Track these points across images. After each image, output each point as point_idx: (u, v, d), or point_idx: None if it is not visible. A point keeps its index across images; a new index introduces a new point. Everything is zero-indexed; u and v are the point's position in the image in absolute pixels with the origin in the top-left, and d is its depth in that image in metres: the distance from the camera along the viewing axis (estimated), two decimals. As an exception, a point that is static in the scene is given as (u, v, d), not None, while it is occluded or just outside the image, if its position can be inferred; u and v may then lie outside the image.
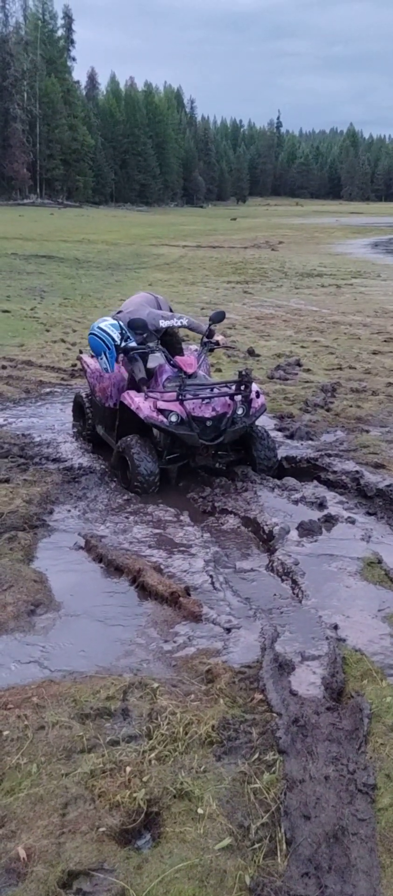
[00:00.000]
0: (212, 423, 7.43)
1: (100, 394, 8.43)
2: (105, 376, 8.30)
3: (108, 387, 8.31)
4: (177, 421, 7.22)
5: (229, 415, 7.49)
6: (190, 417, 7.28)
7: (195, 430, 7.29)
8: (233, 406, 7.54)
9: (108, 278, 26.05)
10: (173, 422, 7.20)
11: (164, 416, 7.20)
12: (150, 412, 7.21)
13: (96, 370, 8.53)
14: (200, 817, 3.10)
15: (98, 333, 7.72)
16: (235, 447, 7.89)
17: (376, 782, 3.29)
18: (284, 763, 3.43)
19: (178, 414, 7.23)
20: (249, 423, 7.61)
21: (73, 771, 3.39)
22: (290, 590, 5.30)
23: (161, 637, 4.67)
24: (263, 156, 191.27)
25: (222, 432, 7.45)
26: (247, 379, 7.58)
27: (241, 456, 7.93)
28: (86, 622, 4.91)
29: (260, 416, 7.82)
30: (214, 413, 7.46)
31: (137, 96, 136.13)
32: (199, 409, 7.41)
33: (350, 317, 17.96)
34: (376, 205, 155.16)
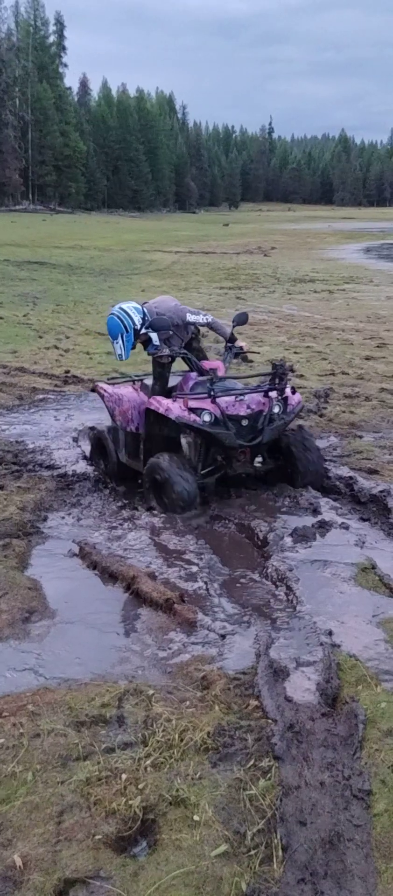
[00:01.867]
0: (248, 422, 6.94)
1: (120, 418, 7.76)
2: (124, 399, 7.75)
3: (128, 409, 7.68)
4: (210, 420, 6.74)
5: (266, 412, 7.00)
6: (224, 416, 6.79)
7: (231, 430, 6.80)
8: (269, 403, 7.05)
9: (101, 284, 26.07)
10: (207, 421, 6.72)
11: (197, 415, 6.73)
12: (182, 412, 6.74)
13: (114, 395, 7.91)
14: (195, 824, 3.11)
15: (117, 313, 7.27)
16: (274, 454, 7.32)
17: (372, 788, 3.30)
18: (280, 769, 3.43)
19: (211, 412, 6.74)
20: (288, 420, 7.12)
21: (69, 778, 3.39)
22: (284, 596, 5.31)
23: (156, 644, 4.67)
24: (255, 161, 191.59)
25: (260, 432, 6.94)
26: (282, 371, 7.12)
27: (280, 464, 7.33)
28: (80, 629, 4.91)
29: (298, 414, 7.44)
30: (249, 411, 6.97)
31: (129, 102, 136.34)
32: (232, 408, 6.91)
33: (343, 322, 18.00)
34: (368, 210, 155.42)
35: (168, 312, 7.27)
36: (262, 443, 6.94)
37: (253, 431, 6.94)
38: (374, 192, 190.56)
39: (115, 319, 7.22)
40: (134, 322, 7.17)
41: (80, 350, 14.85)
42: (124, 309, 7.25)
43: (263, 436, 6.91)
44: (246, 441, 6.90)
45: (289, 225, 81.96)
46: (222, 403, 6.82)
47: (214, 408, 6.75)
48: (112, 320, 7.25)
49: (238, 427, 6.85)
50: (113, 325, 7.24)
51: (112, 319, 7.26)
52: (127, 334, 7.18)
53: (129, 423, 7.63)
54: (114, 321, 7.23)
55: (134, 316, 7.18)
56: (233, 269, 31.99)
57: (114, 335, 7.25)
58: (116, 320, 7.21)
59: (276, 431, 7.02)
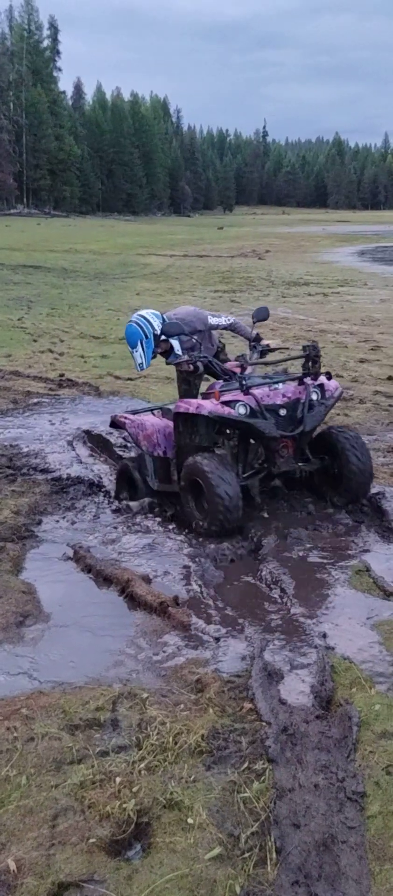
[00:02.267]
0: (286, 412, 6.47)
1: (145, 442, 7.28)
2: (147, 424, 7.33)
3: (152, 433, 7.27)
4: (246, 412, 6.28)
5: (304, 399, 6.52)
6: (261, 405, 6.33)
7: (270, 420, 6.33)
8: (305, 390, 6.58)
9: (96, 288, 26.09)
10: (243, 413, 6.26)
11: (231, 408, 6.28)
12: (214, 406, 6.29)
13: (136, 421, 7.42)
14: (189, 827, 3.10)
15: (136, 320, 6.91)
16: (318, 453, 6.81)
17: (365, 790, 3.30)
18: (274, 772, 3.43)
19: (246, 404, 6.30)
20: (328, 405, 6.69)
21: (63, 782, 3.38)
22: (278, 598, 5.31)
23: (150, 647, 4.67)
24: (249, 165, 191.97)
25: (300, 421, 6.44)
26: (314, 353, 6.68)
27: (326, 464, 6.79)
28: (75, 633, 4.91)
29: (337, 401, 7.06)
30: (285, 399, 6.53)
31: (124, 106, 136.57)
32: (267, 398, 6.46)
33: (337, 325, 18.03)
34: (363, 213, 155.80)
35: (188, 317, 6.96)
36: (304, 432, 6.44)
37: (293, 421, 6.48)
38: (368, 195, 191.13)
39: (133, 327, 6.90)
40: (154, 327, 6.84)
41: (75, 353, 14.86)
42: (143, 315, 6.95)
43: (304, 424, 6.42)
44: (287, 432, 6.41)
45: (283, 228, 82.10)
46: (257, 393, 6.41)
47: (248, 399, 6.34)
48: (131, 328, 6.93)
49: (276, 417, 6.39)
50: (132, 332, 6.91)
51: (131, 327, 6.93)
52: (147, 340, 6.85)
53: (155, 448, 7.25)
54: (133, 329, 6.90)
55: (154, 321, 6.86)
56: (227, 273, 32.01)
57: (133, 343, 6.91)
58: (135, 327, 6.89)
59: (317, 419, 6.54)
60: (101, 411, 10.74)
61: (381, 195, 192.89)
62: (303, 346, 6.78)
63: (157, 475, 7.23)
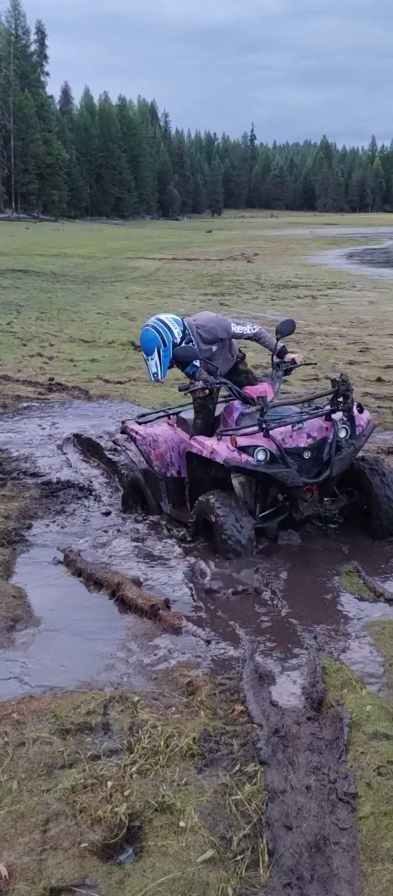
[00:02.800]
0: (311, 454, 5.92)
1: (157, 462, 6.77)
2: (160, 440, 6.81)
3: (165, 452, 6.75)
4: (266, 458, 5.74)
5: (331, 439, 5.96)
6: (282, 451, 5.78)
7: (292, 467, 5.79)
8: (333, 428, 6.02)
9: (85, 292, 26.06)
10: (261, 460, 5.72)
11: (249, 454, 5.74)
12: (230, 453, 5.75)
13: (148, 436, 6.89)
14: (181, 830, 3.10)
15: (154, 324, 6.29)
16: (346, 488, 6.31)
17: (357, 791, 3.30)
18: (266, 774, 3.43)
19: (265, 449, 5.75)
20: (358, 446, 6.10)
21: (55, 787, 3.37)
22: (269, 600, 5.31)
23: (141, 650, 4.66)
24: (237, 168, 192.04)
25: (327, 464, 5.92)
26: (345, 389, 6.03)
27: (354, 500, 6.30)
28: (66, 637, 4.89)
29: (369, 437, 6.41)
30: (310, 440, 5.94)
31: (112, 110, 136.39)
32: (290, 439, 5.89)
33: (326, 327, 18.07)
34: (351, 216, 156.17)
35: (210, 323, 6.33)
36: (331, 477, 5.93)
37: (318, 464, 5.95)
38: (356, 197, 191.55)
39: (151, 332, 6.26)
40: (174, 335, 6.20)
41: (65, 357, 14.83)
42: (162, 320, 6.31)
43: (331, 468, 5.90)
44: (311, 477, 5.90)
45: (271, 231, 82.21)
46: (278, 436, 5.84)
47: (268, 443, 5.78)
48: (148, 332, 6.29)
49: (300, 462, 5.86)
50: (149, 338, 6.26)
51: (148, 332, 6.29)
52: (165, 349, 6.18)
53: (169, 468, 6.75)
54: (150, 333, 6.26)
55: (174, 328, 6.23)
56: (216, 276, 32.02)
57: (149, 350, 6.25)
58: (153, 332, 6.24)
59: (346, 461, 6.01)
60: (90, 415, 10.73)
61: (368, 198, 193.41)
62: (332, 379, 6.19)
63: (171, 498, 6.76)
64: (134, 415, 9.19)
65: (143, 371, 13.11)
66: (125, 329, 17.94)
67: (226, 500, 5.82)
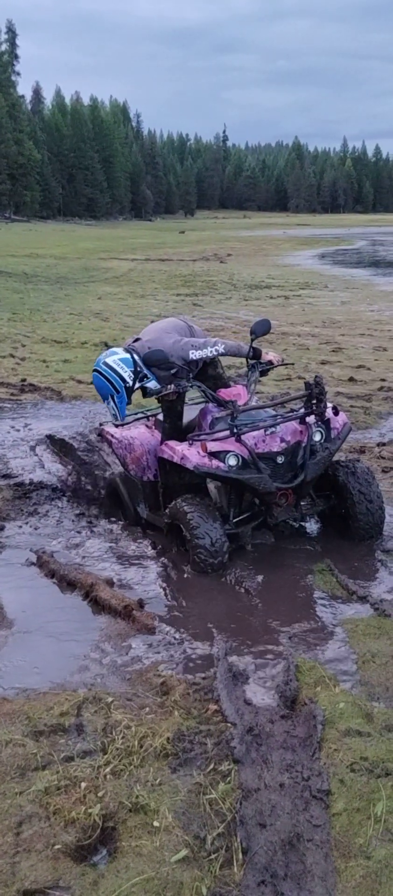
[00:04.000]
0: (284, 459, 5.82)
1: (134, 466, 6.64)
2: (136, 443, 6.66)
3: (141, 455, 6.62)
4: (237, 464, 5.62)
5: (305, 443, 5.86)
6: (254, 456, 5.67)
7: (264, 472, 5.68)
8: (307, 431, 5.92)
9: (57, 292, 25.94)
10: (233, 465, 5.60)
11: (220, 459, 5.63)
12: (201, 459, 5.64)
13: (124, 439, 6.73)
14: (155, 830, 3.10)
15: (103, 371, 5.97)
16: (323, 492, 6.24)
17: (330, 788, 3.32)
18: (240, 772, 3.44)
19: (237, 454, 5.63)
20: (333, 449, 6.00)
21: (28, 789, 3.35)
22: (243, 599, 5.32)
23: (115, 651, 4.65)
24: (210, 169, 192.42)
25: (301, 468, 5.82)
26: (318, 391, 5.90)
27: (332, 503, 6.24)
28: (39, 638, 4.87)
29: (345, 440, 6.30)
30: (284, 444, 5.84)
31: (83, 110, 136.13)
32: (263, 444, 5.79)
33: (299, 327, 18.13)
34: (323, 216, 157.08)
35: (166, 350, 5.95)
36: (305, 481, 5.82)
37: (292, 468, 5.85)
38: (328, 198, 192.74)
39: (101, 380, 5.99)
40: (124, 379, 5.94)
41: (37, 358, 14.75)
42: (109, 365, 5.97)
43: (305, 473, 5.78)
44: (285, 482, 5.79)
45: (244, 232, 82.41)
46: (250, 440, 5.71)
47: (239, 448, 5.66)
48: (98, 380, 6.02)
49: (273, 466, 5.75)
50: (100, 385, 6.03)
51: (98, 379, 6.02)
52: (118, 395, 5.96)
53: (145, 472, 6.62)
54: (100, 381, 6.00)
55: (123, 372, 5.93)
56: (189, 276, 32.03)
57: (104, 396, 6.06)
58: (103, 381, 5.98)
59: (321, 465, 5.89)
60: (63, 416, 10.68)
61: (340, 199, 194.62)
62: (306, 381, 6.05)
63: (148, 502, 6.63)
64: (107, 415, 9.14)
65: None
66: (98, 330, 17.88)
67: (199, 513, 5.66)
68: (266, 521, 5.97)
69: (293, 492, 5.87)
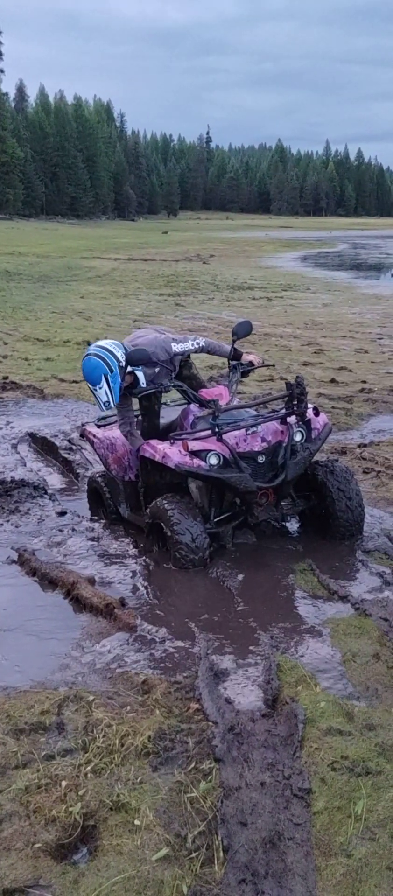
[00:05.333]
0: (265, 458, 5.85)
1: (115, 467, 6.66)
2: (118, 443, 6.60)
3: (123, 455, 6.56)
4: (219, 463, 5.63)
5: (286, 443, 5.89)
6: (235, 455, 5.69)
7: (245, 471, 5.70)
8: (288, 431, 5.96)
9: (40, 291, 25.88)
10: (214, 464, 5.61)
11: (201, 458, 5.64)
12: (182, 458, 5.64)
13: (106, 439, 6.75)
14: (136, 829, 3.09)
15: (96, 352, 5.91)
16: (303, 492, 6.26)
17: (311, 786, 3.32)
18: (221, 771, 3.44)
19: (218, 454, 5.64)
20: (314, 449, 6.01)
21: (8, 787, 3.33)
22: (224, 599, 5.31)
23: (96, 649, 4.63)
24: (193, 170, 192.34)
25: (281, 468, 5.85)
26: (299, 391, 5.93)
27: (312, 503, 6.26)
28: (19, 637, 4.85)
29: (325, 440, 6.34)
30: (264, 444, 5.87)
31: (67, 109, 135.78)
32: (244, 443, 5.82)
33: (281, 329, 18.17)
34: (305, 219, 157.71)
35: (149, 347, 6.02)
36: (285, 481, 5.84)
37: (273, 468, 5.88)
38: (310, 201, 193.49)
39: (94, 360, 5.89)
40: (118, 358, 5.88)
41: (19, 356, 14.70)
42: (103, 346, 5.97)
43: (286, 472, 5.81)
44: (266, 481, 5.82)
45: (227, 233, 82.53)
46: (231, 440, 5.74)
47: (221, 447, 5.68)
48: (90, 361, 5.91)
49: (254, 466, 5.78)
50: (92, 367, 5.89)
51: (90, 360, 5.91)
52: (112, 374, 5.85)
53: (126, 472, 6.59)
54: (93, 362, 5.88)
55: (116, 351, 5.91)
56: (172, 277, 32.03)
57: (95, 380, 5.88)
58: (96, 360, 5.87)
59: (301, 465, 5.90)
60: (45, 414, 10.66)
61: (322, 202, 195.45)
62: (287, 382, 6.07)
63: (129, 502, 6.64)
64: (89, 414, 9.12)
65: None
66: (81, 328, 17.84)
67: (181, 513, 5.66)
68: (247, 520, 5.99)
69: (274, 491, 5.91)
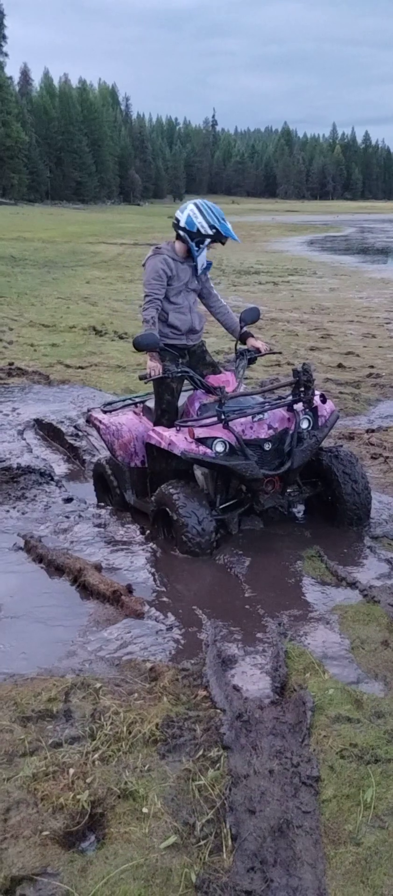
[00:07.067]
0: (271, 446, 5.81)
1: (121, 452, 6.60)
2: (124, 429, 6.60)
3: (129, 441, 6.57)
4: (225, 450, 5.61)
5: (292, 430, 5.85)
6: (241, 442, 5.67)
7: (251, 459, 5.68)
8: (294, 418, 5.92)
9: (45, 276, 25.83)
10: (220, 452, 5.60)
11: (207, 446, 5.63)
12: (188, 445, 5.63)
13: (112, 425, 6.71)
14: (144, 816, 3.08)
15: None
16: (309, 479, 6.25)
17: (320, 774, 3.31)
18: (229, 759, 3.43)
19: (224, 441, 5.62)
20: (320, 436, 5.99)
21: (15, 775, 3.33)
22: (232, 585, 5.30)
23: (103, 637, 4.62)
24: (198, 154, 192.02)
25: (288, 455, 5.81)
26: (306, 378, 5.90)
27: (318, 491, 6.25)
28: (26, 624, 4.84)
29: (332, 428, 6.32)
30: (271, 432, 5.85)
31: (72, 93, 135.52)
32: (250, 430, 5.81)
33: (288, 313, 18.12)
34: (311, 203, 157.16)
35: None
36: (292, 469, 5.81)
37: (279, 456, 5.84)
38: (316, 185, 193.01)
39: None
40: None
41: (24, 342, 14.68)
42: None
43: (292, 460, 5.78)
44: (272, 469, 5.77)
45: (233, 217, 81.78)
46: (237, 427, 5.72)
47: (227, 434, 5.66)
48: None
49: (260, 453, 5.75)
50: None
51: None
52: None
53: (132, 458, 6.58)
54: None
55: None
56: (178, 261, 31.90)
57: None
58: None
59: (308, 453, 5.88)
60: (51, 400, 10.63)
61: (329, 185, 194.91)
62: (294, 369, 6.04)
63: (135, 488, 6.62)
64: (95, 400, 9.10)
65: (104, 356, 13.06)
66: (86, 314, 17.80)
67: (186, 497, 5.66)
68: (253, 507, 5.97)
69: (280, 479, 5.88)
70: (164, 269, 6.25)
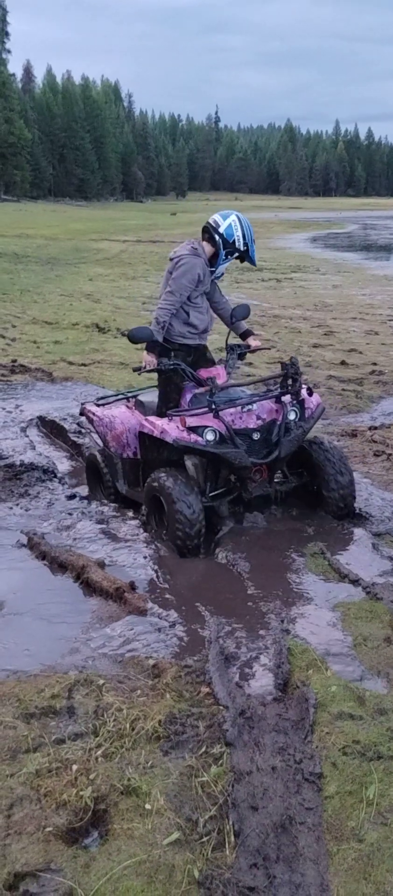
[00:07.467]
0: (260, 435, 6.03)
1: (114, 444, 6.85)
2: (117, 421, 6.85)
3: (122, 433, 6.81)
4: (215, 438, 5.79)
5: (280, 421, 6.10)
6: (231, 431, 5.87)
7: (240, 447, 5.88)
8: (282, 410, 6.16)
9: (48, 273, 25.84)
10: (210, 440, 5.78)
11: (198, 434, 5.81)
12: (180, 433, 5.81)
13: (105, 417, 6.97)
14: (147, 813, 3.09)
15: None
16: (295, 469, 6.45)
17: (322, 771, 3.32)
18: (232, 755, 3.43)
19: (215, 430, 5.80)
20: (307, 427, 6.22)
21: (19, 771, 3.34)
22: (235, 582, 5.30)
23: (106, 633, 4.63)
24: (201, 150, 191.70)
25: (275, 445, 6.04)
26: (293, 371, 6.16)
27: (304, 480, 6.43)
28: (30, 620, 4.85)
29: (318, 420, 6.51)
30: (259, 422, 6.07)
31: (75, 90, 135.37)
32: (240, 420, 6.03)
33: (290, 310, 18.11)
34: (314, 200, 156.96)
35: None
36: (279, 458, 6.03)
37: (267, 445, 6.05)
38: (320, 182, 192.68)
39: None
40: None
41: (27, 339, 14.69)
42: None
43: (279, 450, 6.00)
44: (260, 458, 5.98)
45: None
46: (227, 417, 5.92)
47: (217, 423, 5.84)
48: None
49: (249, 443, 5.96)
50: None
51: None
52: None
53: (125, 449, 6.82)
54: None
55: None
56: (181, 258, 31.88)
57: None
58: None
59: (294, 443, 6.11)
60: (54, 397, 10.65)
61: (332, 182, 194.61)
62: (281, 363, 6.32)
63: (127, 479, 6.80)
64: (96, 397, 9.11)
65: (106, 353, 13.07)
66: (89, 311, 17.81)
67: (178, 485, 5.77)
68: (241, 495, 6.12)
69: (268, 468, 6.08)
70: (199, 273, 6.36)
